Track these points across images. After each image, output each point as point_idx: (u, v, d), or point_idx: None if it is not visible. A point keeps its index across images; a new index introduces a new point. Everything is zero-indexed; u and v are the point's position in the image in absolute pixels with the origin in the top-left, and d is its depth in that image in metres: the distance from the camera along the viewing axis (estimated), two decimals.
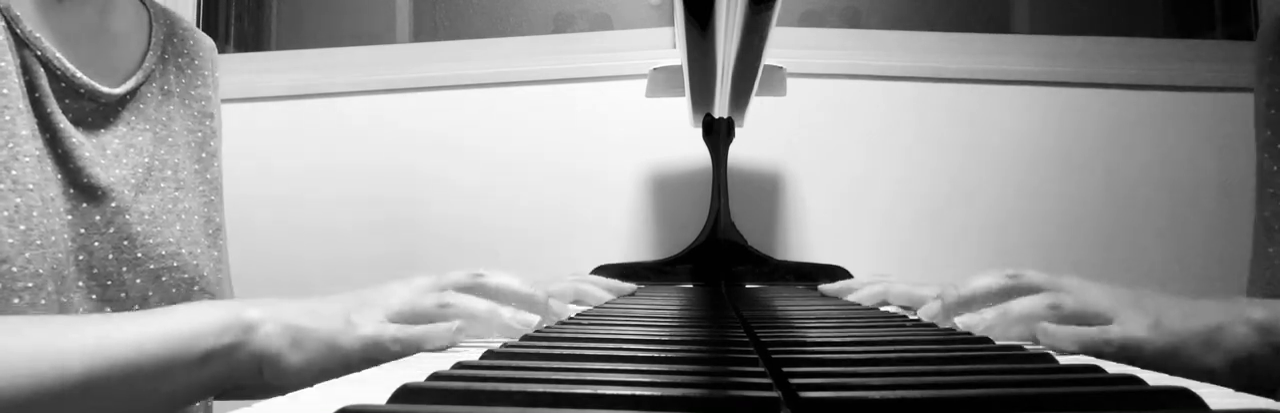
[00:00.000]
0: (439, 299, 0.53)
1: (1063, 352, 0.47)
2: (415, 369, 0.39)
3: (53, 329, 0.44)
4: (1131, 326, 0.48)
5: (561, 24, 1.65)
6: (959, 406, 0.26)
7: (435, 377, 0.31)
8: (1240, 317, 0.47)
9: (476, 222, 1.36)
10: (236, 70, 1.51)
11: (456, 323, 0.50)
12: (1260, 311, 0.47)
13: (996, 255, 1.33)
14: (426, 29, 1.74)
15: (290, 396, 0.30)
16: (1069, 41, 1.45)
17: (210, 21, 1.58)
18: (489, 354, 0.37)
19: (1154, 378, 0.32)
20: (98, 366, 0.42)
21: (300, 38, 1.80)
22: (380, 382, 0.34)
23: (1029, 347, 0.47)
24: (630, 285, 0.86)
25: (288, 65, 1.50)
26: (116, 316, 0.49)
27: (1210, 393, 0.28)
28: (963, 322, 0.52)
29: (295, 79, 1.45)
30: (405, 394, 0.27)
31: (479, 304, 0.53)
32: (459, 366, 0.34)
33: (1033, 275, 0.54)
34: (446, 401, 0.27)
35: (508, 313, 0.53)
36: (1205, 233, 1.33)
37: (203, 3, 1.54)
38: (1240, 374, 0.46)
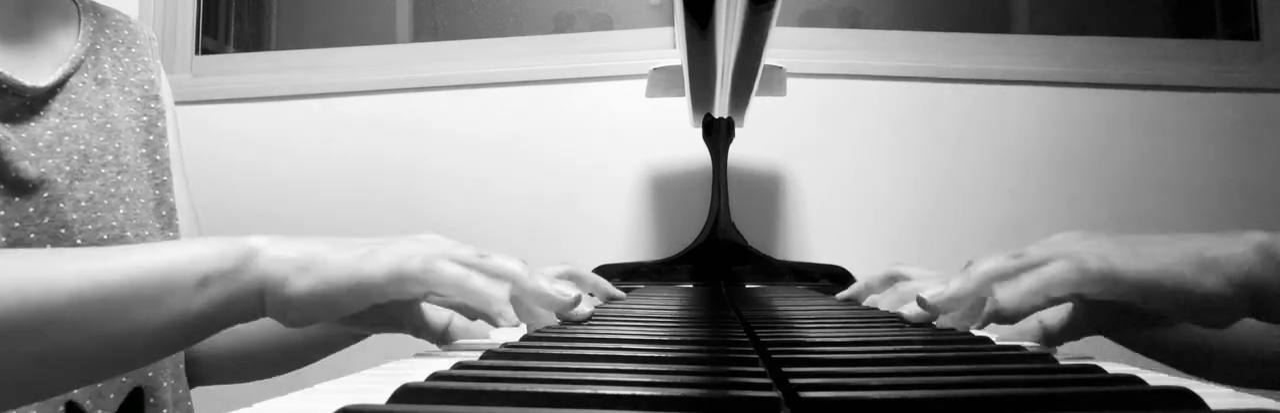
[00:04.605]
0: (476, 250, 0.48)
1: (1030, 305, 0.45)
2: (415, 369, 0.39)
3: (44, 256, 0.44)
4: (1111, 258, 0.44)
5: (561, 24, 1.65)
6: (959, 406, 0.26)
7: (435, 377, 0.31)
8: (1238, 238, 0.44)
9: (477, 222, 1.36)
10: (236, 70, 1.52)
11: (506, 287, 0.46)
12: (1260, 234, 0.43)
13: None
14: (426, 29, 1.75)
15: (289, 396, 0.30)
16: (1069, 41, 1.45)
17: (210, 21, 1.58)
18: (489, 354, 0.37)
19: (1154, 378, 0.32)
20: (87, 286, 0.41)
21: (300, 38, 1.80)
22: (380, 382, 0.34)
23: (1029, 346, 0.47)
24: (622, 295, 0.76)
25: (288, 65, 1.50)
26: (114, 247, 0.47)
27: (1210, 393, 0.28)
28: (930, 297, 0.49)
29: (295, 79, 1.45)
30: (405, 394, 0.27)
31: (516, 265, 0.48)
32: (459, 366, 0.34)
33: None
34: (446, 401, 0.27)
35: (546, 280, 0.48)
36: (1206, 232, 1.33)
37: (203, 3, 1.54)
38: (1242, 296, 0.42)
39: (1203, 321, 0.44)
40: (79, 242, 0.61)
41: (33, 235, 0.59)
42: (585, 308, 0.51)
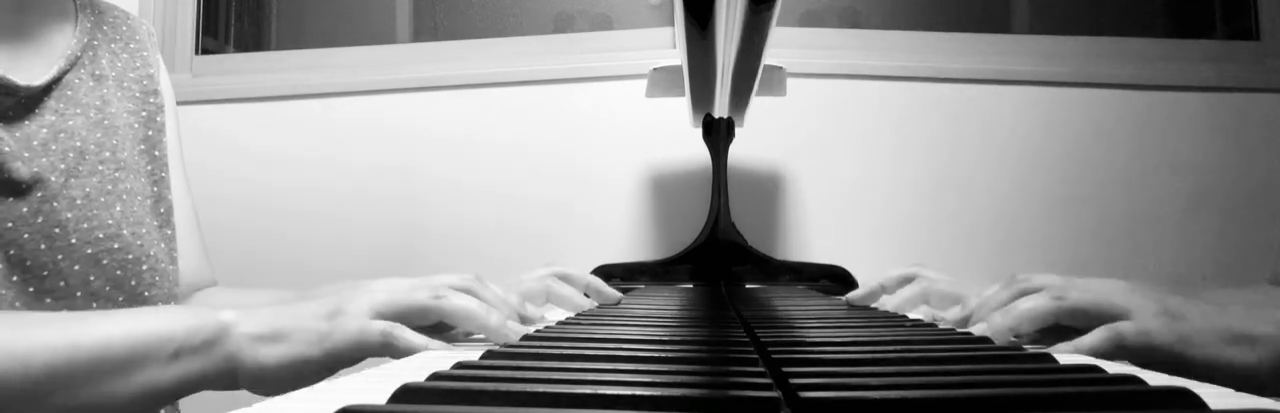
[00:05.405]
0: (434, 292, 0.52)
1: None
2: (415, 369, 0.39)
3: (18, 324, 0.45)
4: (1143, 320, 0.46)
5: (561, 24, 1.65)
6: (959, 406, 0.26)
7: (435, 377, 0.31)
8: (1273, 315, 0.45)
9: (476, 221, 1.36)
10: (236, 70, 1.52)
11: (456, 350, 0.49)
12: None
13: (996, 256, 1.33)
14: (426, 29, 1.75)
15: (289, 396, 0.30)
16: (1069, 41, 1.45)
17: (210, 21, 1.58)
18: (489, 354, 0.37)
19: (1154, 378, 0.32)
20: (60, 360, 0.42)
21: (300, 38, 1.80)
22: (380, 382, 0.34)
23: (1030, 347, 0.47)
24: (616, 294, 0.78)
25: (288, 65, 1.50)
26: (88, 314, 0.49)
27: (1210, 393, 0.28)
28: (977, 332, 0.51)
29: (295, 79, 1.45)
30: (405, 394, 0.27)
31: (473, 302, 0.52)
32: (459, 365, 0.34)
33: (1042, 281, 0.52)
34: (446, 401, 0.27)
35: (497, 318, 0.52)
36: (1206, 232, 1.33)
37: (203, 3, 1.54)
38: (1271, 369, 0.44)
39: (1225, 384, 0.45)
40: (74, 241, 0.61)
41: (26, 236, 0.59)
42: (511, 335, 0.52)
